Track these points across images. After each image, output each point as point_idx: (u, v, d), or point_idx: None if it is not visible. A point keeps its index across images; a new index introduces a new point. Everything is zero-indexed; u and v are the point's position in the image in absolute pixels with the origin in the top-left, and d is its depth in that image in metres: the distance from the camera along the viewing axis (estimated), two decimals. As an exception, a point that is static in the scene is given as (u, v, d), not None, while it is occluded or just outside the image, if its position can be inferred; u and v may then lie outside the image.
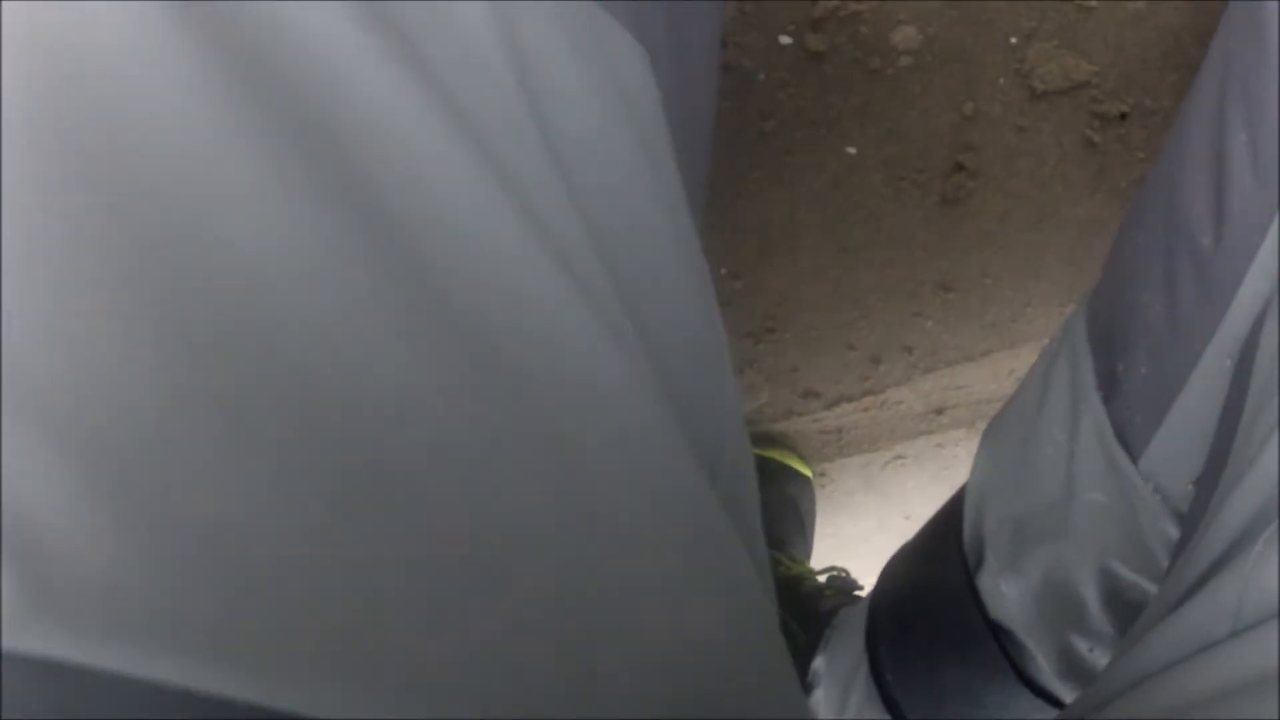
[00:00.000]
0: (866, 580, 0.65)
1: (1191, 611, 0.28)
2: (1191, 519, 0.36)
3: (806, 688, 0.61)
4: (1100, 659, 0.44)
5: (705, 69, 0.31)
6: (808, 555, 0.76)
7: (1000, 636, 0.47)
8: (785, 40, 0.51)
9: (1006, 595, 0.46)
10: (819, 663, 0.61)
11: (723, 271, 0.62)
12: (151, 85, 0.15)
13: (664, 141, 0.23)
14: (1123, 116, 0.53)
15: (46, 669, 0.13)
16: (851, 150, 0.56)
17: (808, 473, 0.76)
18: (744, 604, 0.23)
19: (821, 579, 0.70)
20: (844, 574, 0.70)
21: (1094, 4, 0.50)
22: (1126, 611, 0.42)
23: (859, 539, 0.82)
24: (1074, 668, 0.45)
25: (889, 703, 0.52)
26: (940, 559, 0.51)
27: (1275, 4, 0.34)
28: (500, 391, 0.18)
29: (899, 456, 0.77)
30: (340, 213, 0.16)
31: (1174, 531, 0.39)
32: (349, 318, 0.16)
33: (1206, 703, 0.26)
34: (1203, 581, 0.29)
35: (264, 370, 0.15)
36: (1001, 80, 0.52)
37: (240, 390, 0.15)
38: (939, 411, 0.72)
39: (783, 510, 0.74)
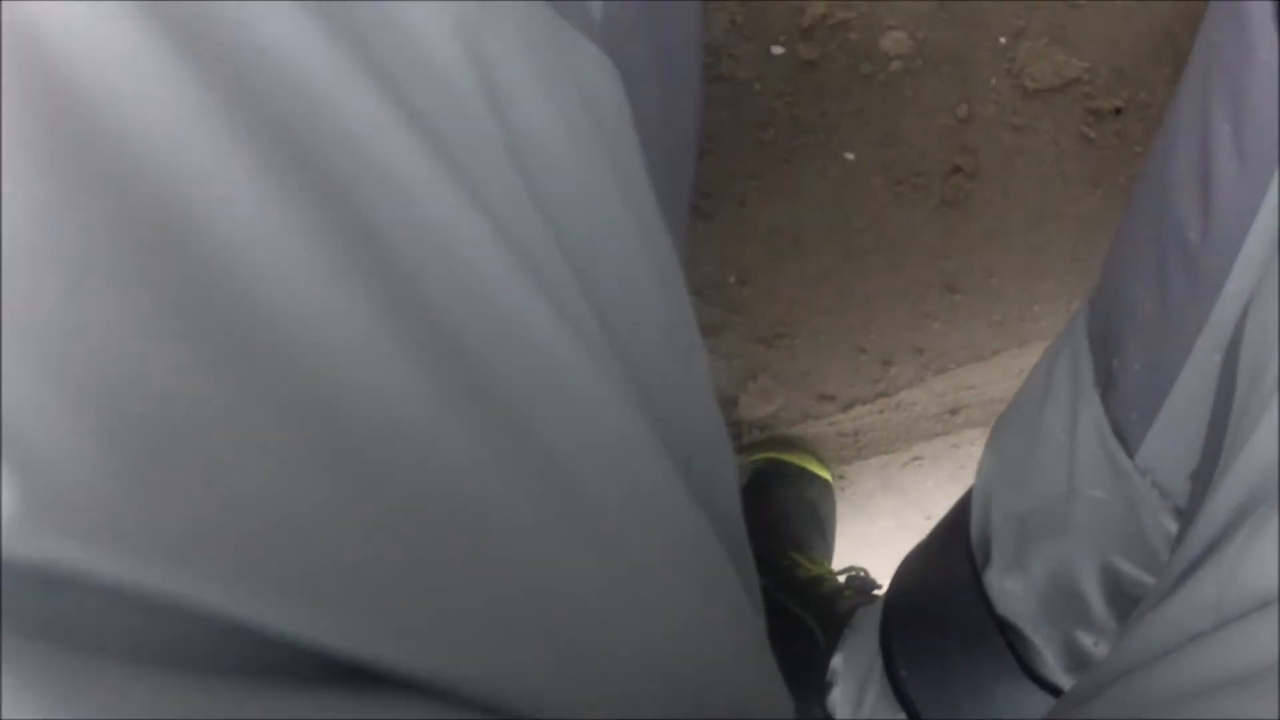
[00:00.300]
0: (886, 579, 0.65)
1: (1177, 604, 0.28)
2: (1188, 514, 0.36)
3: (825, 686, 0.61)
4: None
5: (687, 72, 0.31)
6: (829, 557, 0.77)
7: (1007, 632, 0.48)
8: (778, 50, 0.52)
9: (1012, 592, 0.46)
10: (837, 661, 0.61)
11: (731, 279, 0.63)
12: (147, 93, 0.16)
13: (631, 147, 0.24)
14: (1118, 111, 0.53)
15: (46, 578, 0.14)
16: (850, 156, 0.56)
17: (827, 476, 0.77)
18: (716, 594, 0.24)
19: (841, 579, 0.70)
20: (863, 573, 0.71)
21: (1082, 0, 0.50)
22: (1130, 606, 0.42)
23: (879, 539, 0.82)
24: (1080, 663, 0.45)
25: (902, 699, 0.52)
26: (949, 557, 0.51)
27: (1256, -3, 0.34)
28: (471, 386, 0.19)
29: (916, 457, 0.77)
30: (322, 218, 0.17)
31: (1173, 527, 0.39)
32: (331, 313, 0.17)
33: (1191, 696, 0.26)
34: (1187, 575, 0.29)
35: (256, 350, 0.16)
36: (994, 80, 0.53)
37: (231, 360, 0.16)
38: (953, 412, 0.72)
39: (802, 513, 0.74)
